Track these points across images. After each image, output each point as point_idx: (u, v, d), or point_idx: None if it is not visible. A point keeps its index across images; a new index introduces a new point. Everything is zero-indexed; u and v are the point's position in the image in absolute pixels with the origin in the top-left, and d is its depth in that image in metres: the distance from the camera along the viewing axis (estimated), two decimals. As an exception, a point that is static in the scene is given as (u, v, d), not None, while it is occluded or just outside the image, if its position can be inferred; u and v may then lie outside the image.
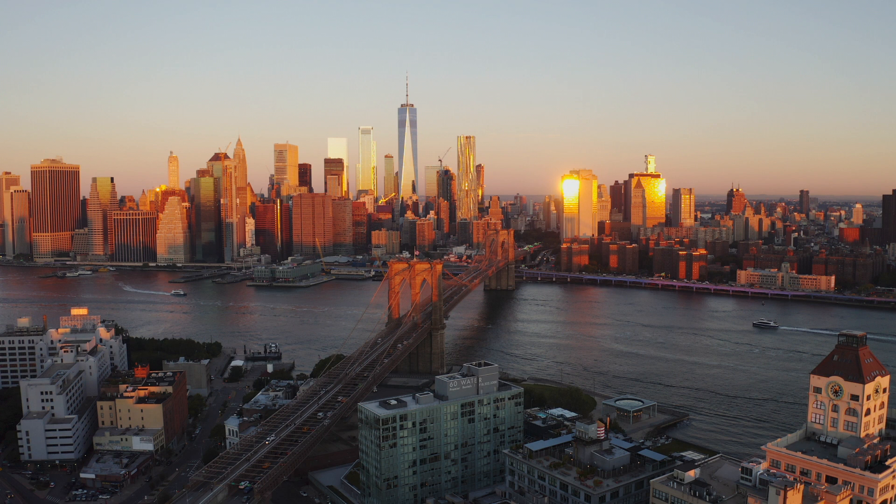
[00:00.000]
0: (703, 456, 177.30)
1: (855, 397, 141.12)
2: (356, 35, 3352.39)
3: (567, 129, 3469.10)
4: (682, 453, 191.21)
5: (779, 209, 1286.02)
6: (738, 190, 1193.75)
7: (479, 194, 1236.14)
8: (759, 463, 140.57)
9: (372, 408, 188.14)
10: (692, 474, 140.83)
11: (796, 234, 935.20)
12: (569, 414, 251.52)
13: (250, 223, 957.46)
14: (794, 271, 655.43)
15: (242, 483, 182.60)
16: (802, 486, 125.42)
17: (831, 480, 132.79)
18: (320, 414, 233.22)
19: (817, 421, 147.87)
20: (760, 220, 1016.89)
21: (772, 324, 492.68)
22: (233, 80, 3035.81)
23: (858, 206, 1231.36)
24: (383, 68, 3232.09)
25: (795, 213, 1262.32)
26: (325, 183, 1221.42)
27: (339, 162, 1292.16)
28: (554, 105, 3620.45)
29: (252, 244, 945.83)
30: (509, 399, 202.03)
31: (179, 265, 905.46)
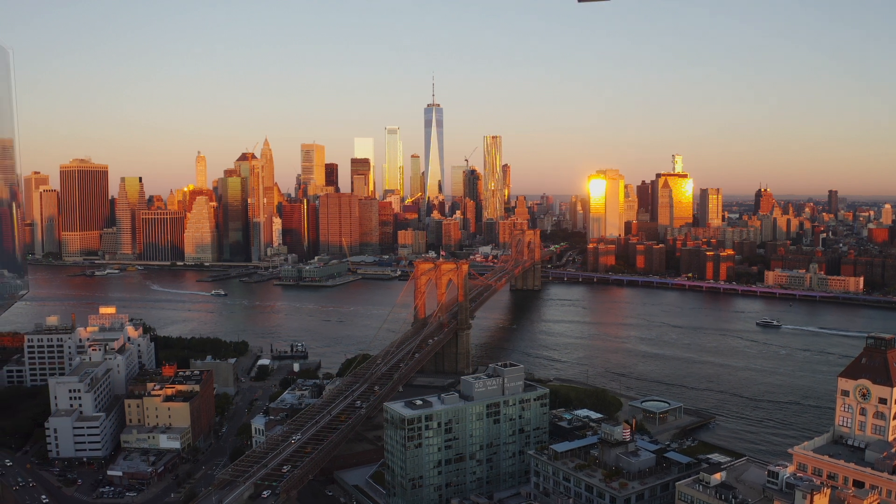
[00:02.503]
0: (729, 458, 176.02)
1: (883, 400, 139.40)
2: (382, 35, 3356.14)
3: (593, 128, 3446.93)
4: (709, 456, 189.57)
5: (807, 209, 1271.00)
6: (765, 190, 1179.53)
7: (506, 194, 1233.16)
8: (786, 466, 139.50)
9: (397, 408, 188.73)
10: (718, 477, 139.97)
11: (825, 234, 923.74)
12: (594, 415, 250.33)
13: (277, 223, 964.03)
14: (822, 272, 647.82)
15: (285, 467, 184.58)
16: (829, 490, 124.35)
17: (858, 484, 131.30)
18: (358, 403, 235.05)
19: (845, 424, 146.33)
20: (788, 221, 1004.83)
21: (775, 323, 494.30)
22: (259, 81, 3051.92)
23: (888, 206, 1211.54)
24: (410, 68, 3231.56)
25: (824, 214, 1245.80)
26: (352, 183, 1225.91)
27: (365, 162, 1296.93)
28: (580, 105, 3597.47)
29: (279, 244, 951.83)
30: (535, 400, 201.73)
31: (207, 264, 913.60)
